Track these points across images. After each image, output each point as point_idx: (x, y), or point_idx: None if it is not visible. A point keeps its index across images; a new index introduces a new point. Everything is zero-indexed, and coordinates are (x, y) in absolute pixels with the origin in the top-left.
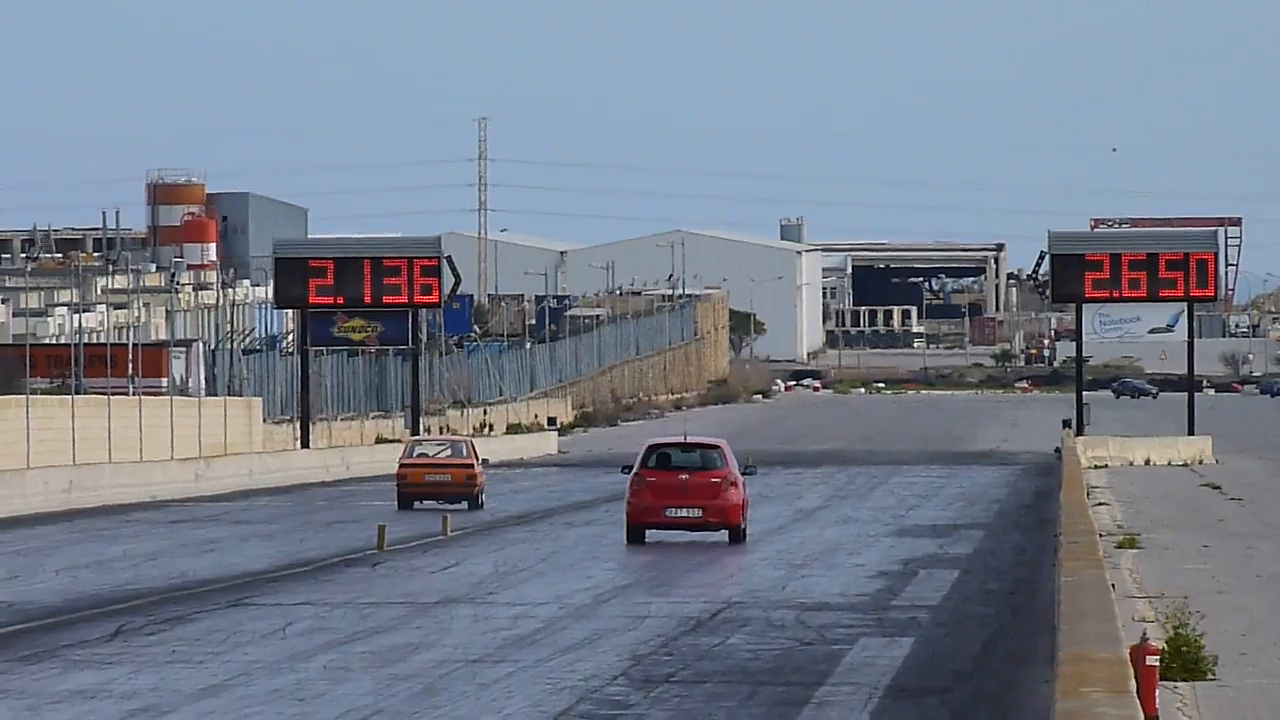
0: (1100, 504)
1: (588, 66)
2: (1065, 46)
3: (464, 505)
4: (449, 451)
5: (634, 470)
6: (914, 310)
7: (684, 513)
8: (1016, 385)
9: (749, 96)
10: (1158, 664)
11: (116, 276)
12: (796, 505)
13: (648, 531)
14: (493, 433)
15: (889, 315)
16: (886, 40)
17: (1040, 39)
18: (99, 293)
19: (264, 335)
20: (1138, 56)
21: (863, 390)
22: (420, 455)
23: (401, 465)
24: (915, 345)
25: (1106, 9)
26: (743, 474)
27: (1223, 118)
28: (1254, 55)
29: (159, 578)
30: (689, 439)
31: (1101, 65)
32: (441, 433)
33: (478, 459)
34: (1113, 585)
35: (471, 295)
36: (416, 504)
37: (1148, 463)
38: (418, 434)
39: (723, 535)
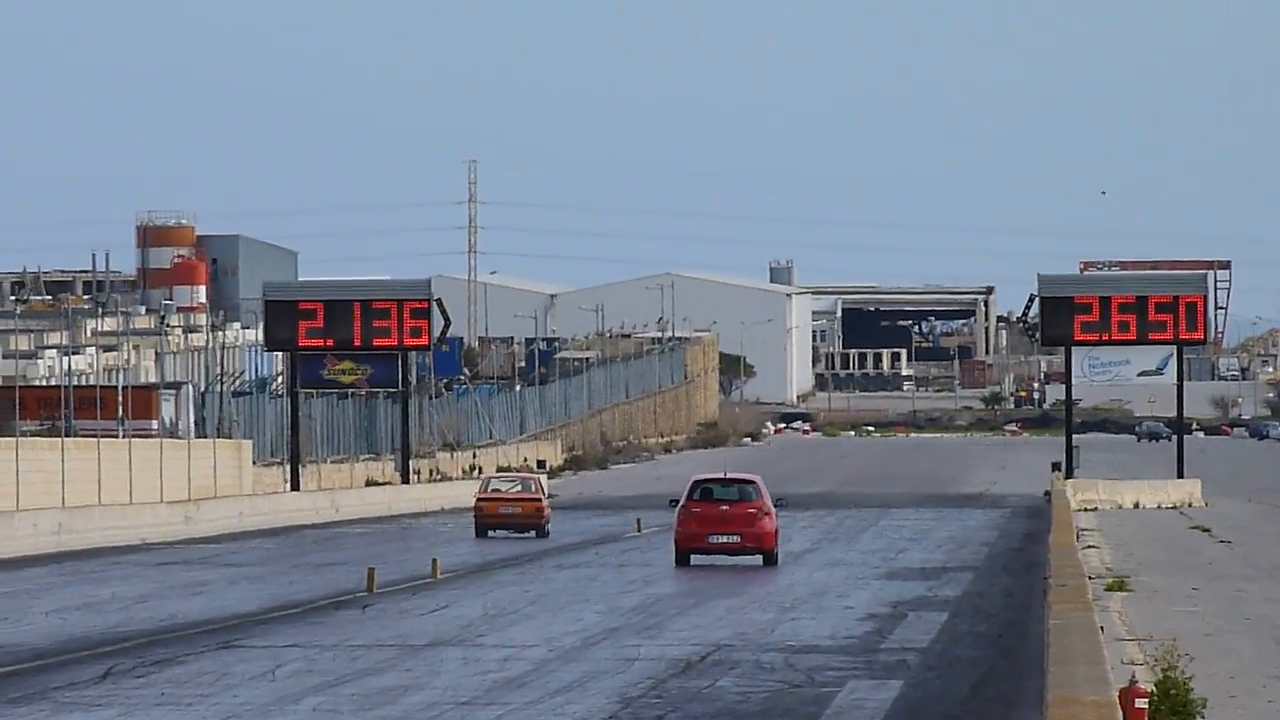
0: (1089, 546)
1: (577, 109)
2: (1055, 91)
3: (532, 534)
4: (520, 488)
5: (680, 503)
6: (903, 353)
7: (724, 539)
8: (1006, 428)
9: (738, 139)
10: (1147, 707)
11: (106, 319)
12: (786, 548)
13: (692, 556)
14: (482, 475)
15: (878, 358)
16: (876, 84)
17: (1030, 84)
18: (89, 335)
19: (254, 378)
20: (1127, 100)
21: (852, 433)
22: (495, 490)
23: (479, 499)
24: (905, 388)
25: (1096, 56)
26: (775, 506)
27: (1212, 161)
28: (1243, 99)
29: (148, 620)
30: (728, 474)
31: (1091, 109)
32: (431, 475)
33: (545, 494)
34: (1101, 628)
35: (461, 338)
36: (490, 533)
37: (1137, 505)
38: (407, 478)
39: (758, 559)
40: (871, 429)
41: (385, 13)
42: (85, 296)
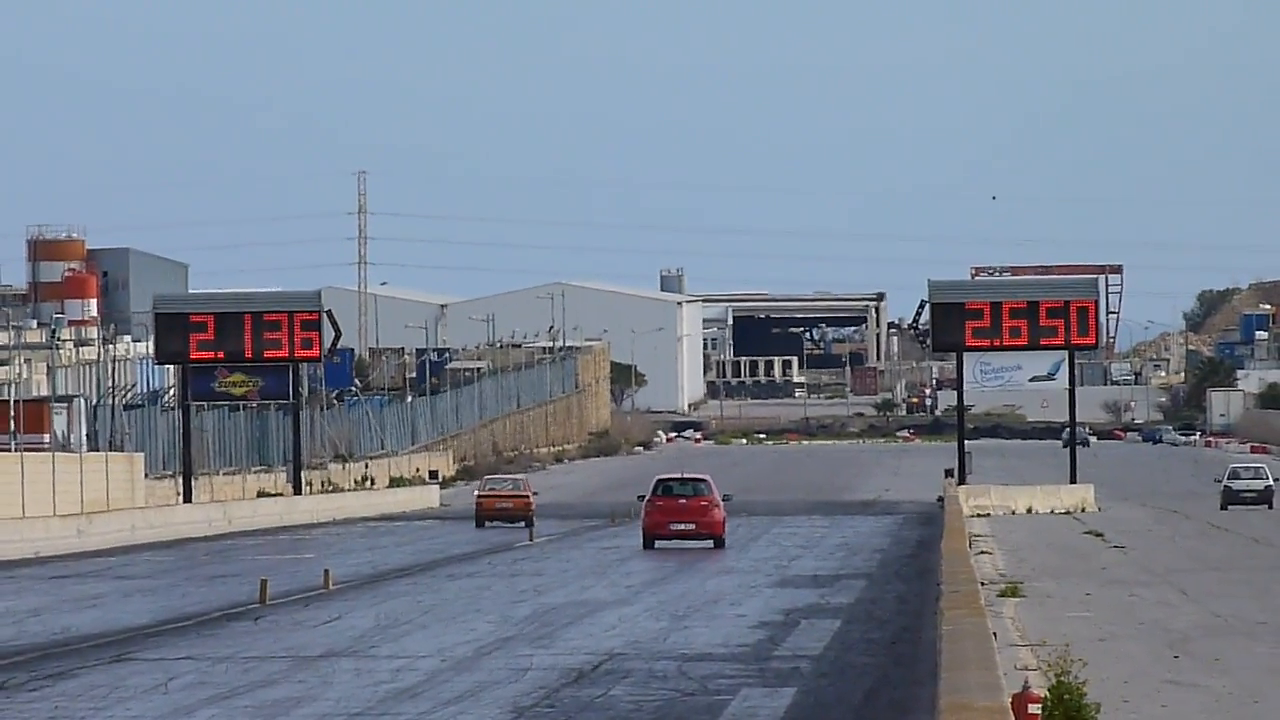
0: (983, 552)
1: (467, 119)
2: (943, 96)
3: (522, 524)
4: (511, 487)
5: (647, 497)
6: (795, 360)
7: (682, 526)
8: (898, 434)
9: (627, 148)
10: (1040, 712)
11: None
12: (678, 556)
13: (656, 541)
14: (374, 486)
15: (770, 366)
16: (763, 91)
17: (917, 89)
18: None
19: (145, 391)
20: (1015, 104)
21: (744, 441)
22: (491, 489)
23: (478, 496)
24: (796, 395)
25: (981, 60)
26: (723, 500)
27: (1103, 165)
28: (1132, 102)
29: (41, 633)
30: (685, 475)
31: (979, 113)
32: (323, 486)
33: (531, 493)
34: (995, 634)
35: (352, 349)
36: (487, 524)
37: (1030, 511)
38: (299, 489)
39: (709, 543)
40: (764, 437)
41: (274, 23)
42: None
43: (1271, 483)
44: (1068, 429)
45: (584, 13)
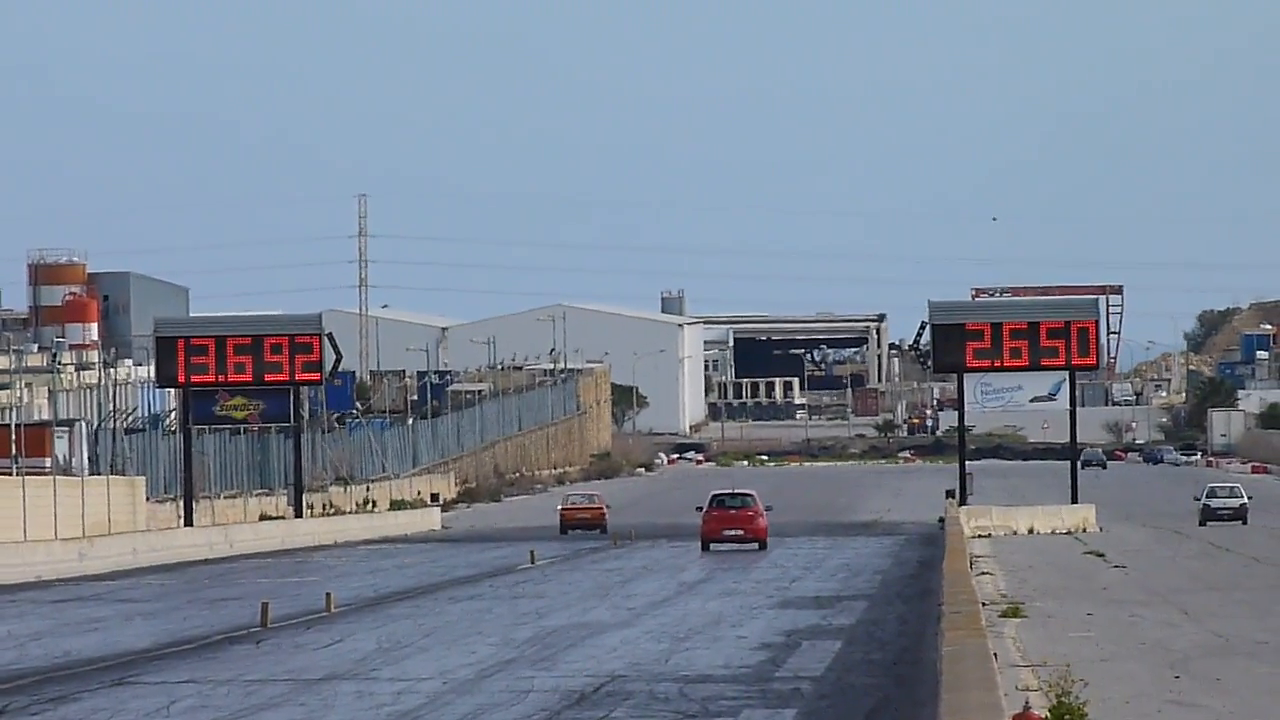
0: (984, 573)
1: (467, 142)
2: (943, 117)
3: (598, 531)
4: (587, 500)
5: (705, 509)
6: (796, 382)
7: (733, 532)
8: (899, 455)
9: (627, 170)
10: None
11: None
12: (679, 578)
13: (711, 545)
14: (376, 509)
15: (771, 387)
16: (764, 113)
17: (917, 110)
18: None
19: (147, 414)
20: (1015, 125)
21: (745, 462)
22: (573, 502)
23: (562, 509)
24: (797, 416)
25: (983, 81)
26: (766, 510)
27: (1103, 186)
28: (1131, 122)
29: (43, 657)
30: (735, 490)
31: (979, 134)
32: (325, 509)
33: (605, 505)
34: (995, 654)
35: (353, 372)
36: (569, 531)
37: (1031, 531)
38: (300, 512)
39: (755, 546)
40: (765, 458)
41: (275, 47)
42: None
43: (1246, 501)
44: (1086, 450)
45: (584, 35)
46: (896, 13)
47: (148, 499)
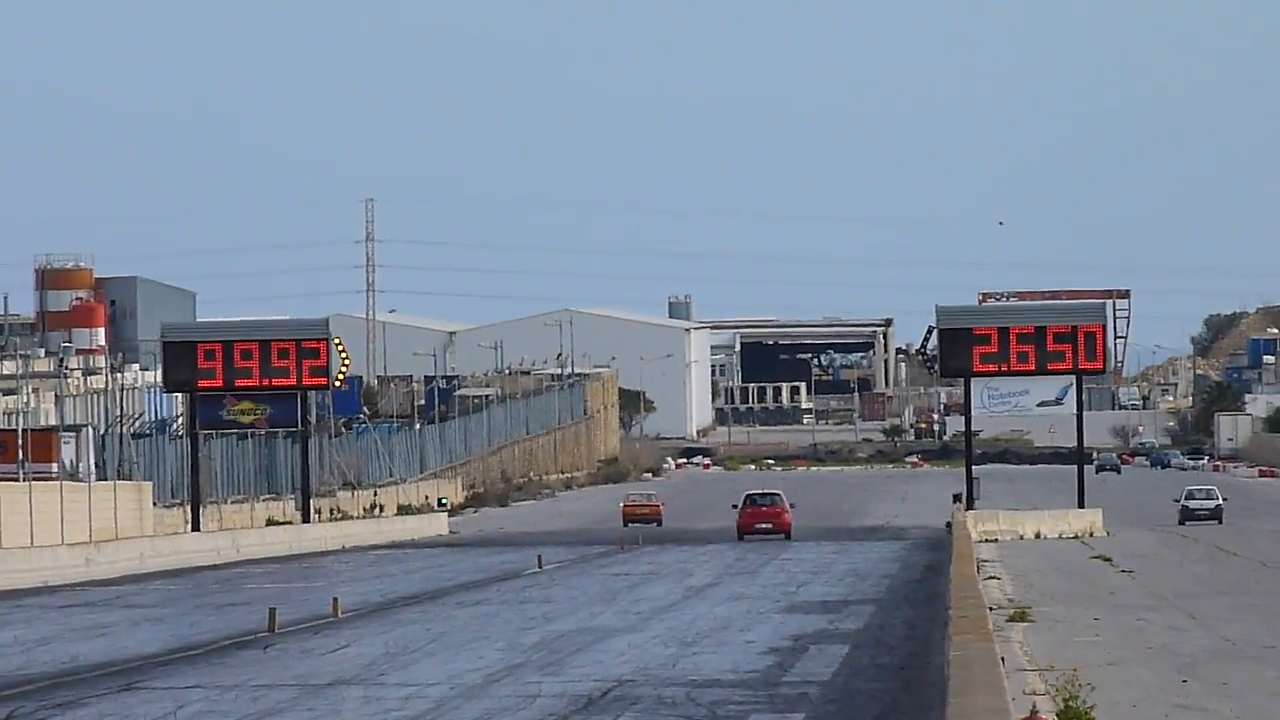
0: (991, 578)
1: (474, 147)
2: (950, 122)
3: (655, 525)
4: (645, 498)
5: (740, 506)
6: (803, 386)
7: (763, 525)
8: (906, 460)
9: (635, 174)
10: None
11: (5, 362)
12: (687, 583)
13: (745, 537)
14: (383, 514)
15: (778, 392)
16: (771, 118)
17: (924, 115)
18: None
19: (153, 419)
20: (1022, 130)
21: (753, 467)
22: (633, 499)
23: (624, 505)
24: (804, 421)
25: (990, 86)
26: (790, 506)
27: (1110, 190)
28: (1138, 126)
29: (50, 662)
30: (765, 490)
31: (986, 139)
32: (332, 514)
33: (661, 503)
34: (1003, 658)
35: (360, 376)
36: (630, 524)
37: (1038, 536)
38: (308, 517)
39: (781, 536)
40: (772, 462)
41: (282, 51)
42: None
43: (1221, 502)
44: (1099, 455)
45: (593, 40)
46: (905, 19)
47: (155, 504)
